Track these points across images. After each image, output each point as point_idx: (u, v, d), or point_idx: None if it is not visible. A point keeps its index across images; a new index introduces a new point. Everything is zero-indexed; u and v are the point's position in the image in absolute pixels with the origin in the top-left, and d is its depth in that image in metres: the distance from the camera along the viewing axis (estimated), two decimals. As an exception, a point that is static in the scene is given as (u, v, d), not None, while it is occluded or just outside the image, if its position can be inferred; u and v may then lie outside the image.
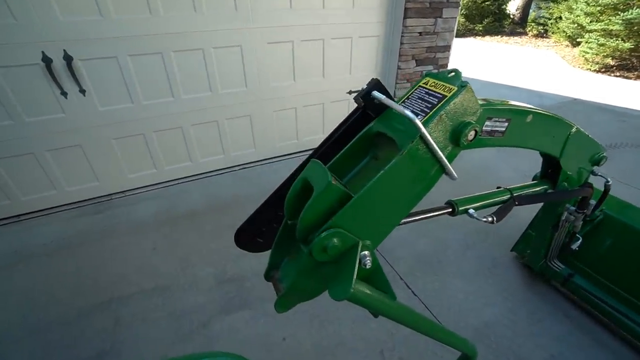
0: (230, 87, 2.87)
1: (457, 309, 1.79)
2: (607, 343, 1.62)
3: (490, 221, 0.93)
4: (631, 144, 3.73)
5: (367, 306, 0.67)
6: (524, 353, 1.60)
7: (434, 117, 0.64)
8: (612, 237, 1.63)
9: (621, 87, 6.13)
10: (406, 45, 3.16)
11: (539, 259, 1.76)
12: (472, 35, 13.33)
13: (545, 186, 1.19)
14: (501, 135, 0.81)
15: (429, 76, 0.72)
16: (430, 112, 0.65)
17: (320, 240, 0.61)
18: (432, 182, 0.71)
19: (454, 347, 1.08)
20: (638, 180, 3.03)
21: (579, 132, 1.05)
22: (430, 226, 2.36)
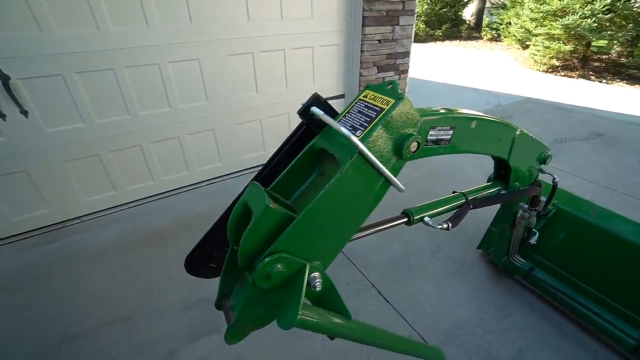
0: (190, 101, 2.78)
1: (429, 312, 1.80)
2: (570, 332, 1.69)
3: (445, 228, 0.93)
4: (578, 137, 4.01)
5: (319, 330, 0.65)
6: (494, 349, 1.63)
7: (372, 131, 0.63)
8: (565, 229, 1.72)
9: (566, 85, 6.61)
10: (367, 53, 3.23)
11: (502, 255, 1.82)
12: (433, 41, 13.92)
13: (499, 187, 1.22)
14: (447, 143, 0.82)
15: (369, 88, 0.71)
16: (369, 127, 0.64)
17: (262, 267, 0.58)
18: (379, 195, 0.69)
19: (421, 358, 1.07)
20: (586, 171, 3.25)
21: (523, 134, 1.10)
22: (400, 230, 2.39)
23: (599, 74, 7.12)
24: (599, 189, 2.96)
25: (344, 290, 1.94)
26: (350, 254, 2.19)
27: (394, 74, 3.57)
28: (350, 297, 1.90)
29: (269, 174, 0.80)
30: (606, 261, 1.57)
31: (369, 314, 1.80)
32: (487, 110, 5.05)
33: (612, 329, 1.48)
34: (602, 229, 1.59)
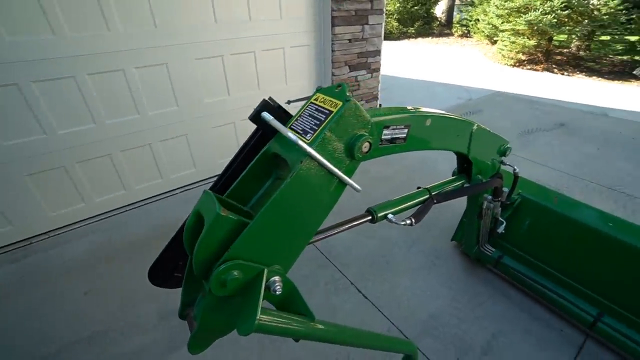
0: (160, 107, 2.71)
1: (406, 306, 1.84)
2: (539, 315, 1.78)
3: (409, 224, 0.96)
4: (543, 128, 4.20)
5: (280, 334, 0.65)
6: (468, 337, 1.69)
7: (321, 134, 0.64)
8: (530, 217, 1.80)
9: (532, 78, 6.91)
10: (337, 53, 3.25)
11: (473, 245, 1.89)
12: (406, 38, 14.18)
13: (462, 181, 1.27)
14: (403, 141, 0.84)
15: (319, 92, 0.73)
16: (318, 130, 0.65)
17: (216, 275, 0.58)
18: (335, 196, 0.71)
19: (393, 351, 1.10)
20: (551, 160, 3.41)
21: (481, 129, 1.14)
22: (376, 227, 2.42)
23: (561, 67, 7.48)
24: (563, 176, 3.12)
25: (323, 290, 1.95)
26: (328, 254, 2.21)
27: (366, 73, 3.62)
28: (330, 296, 1.91)
29: (227, 181, 0.80)
30: (567, 244, 1.66)
31: (349, 311, 1.82)
32: (459, 105, 5.20)
33: (573, 307, 1.57)
34: (563, 215, 1.67)
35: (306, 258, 2.18)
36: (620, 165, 3.28)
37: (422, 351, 1.62)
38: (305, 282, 2.01)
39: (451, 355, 1.60)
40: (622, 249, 1.48)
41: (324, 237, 0.84)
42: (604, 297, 1.54)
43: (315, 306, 1.91)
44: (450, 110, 4.89)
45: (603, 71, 7.05)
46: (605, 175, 3.11)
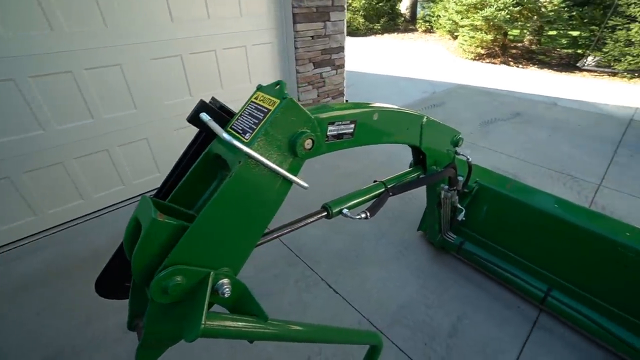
0: (116, 110, 2.58)
1: (375, 298, 1.89)
2: (499, 295, 1.88)
3: (364, 217, 0.97)
4: (501, 118, 4.43)
5: (231, 337, 0.64)
6: (435, 322, 1.75)
7: (260, 133, 0.64)
8: (487, 203, 1.89)
9: (490, 71, 7.26)
10: (301, 50, 3.24)
11: (436, 234, 1.96)
12: (373, 34, 14.37)
13: (418, 172, 1.31)
14: (351, 136, 0.85)
15: (259, 90, 0.72)
16: (257, 129, 0.64)
17: (156, 282, 0.56)
18: (281, 194, 0.71)
19: (357, 344, 1.12)
20: (508, 148, 3.61)
21: (431, 121, 1.18)
22: (342, 221, 2.45)
23: (516, 60, 7.91)
24: (518, 162, 3.31)
25: (294, 288, 1.95)
26: (299, 252, 2.21)
27: (331, 69, 3.64)
28: (301, 293, 1.92)
29: (172, 186, 0.77)
30: (519, 227, 1.77)
31: (320, 307, 1.84)
32: (424, 98, 5.36)
33: (526, 285, 1.68)
34: (515, 199, 1.78)
35: (276, 257, 2.17)
36: (568, 150, 3.53)
37: (393, 340, 1.67)
38: (276, 281, 2.00)
39: (419, 341, 1.66)
40: (566, 228, 1.60)
41: (279, 235, 0.84)
42: (553, 273, 1.65)
43: (286, 304, 1.91)
44: (416, 104, 5.05)
45: (552, 63, 7.54)
46: (554, 160, 3.33)
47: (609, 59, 6.52)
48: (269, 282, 2.00)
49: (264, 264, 2.12)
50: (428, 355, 1.60)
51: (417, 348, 1.63)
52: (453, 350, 1.62)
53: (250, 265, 2.10)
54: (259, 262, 2.13)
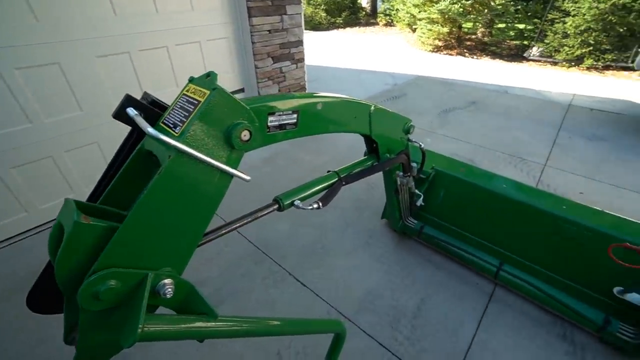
0: (58, 113, 2.39)
1: (343, 287, 1.92)
2: (458, 274, 1.98)
3: (316, 207, 0.98)
4: (459, 107, 4.64)
5: (175, 338, 0.62)
6: (400, 305, 1.82)
7: (190, 126, 0.61)
8: (443, 188, 1.98)
9: (448, 62, 7.56)
10: (258, 44, 3.18)
11: (397, 220, 2.03)
12: (335, 28, 14.42)
13: (372, 161, 1.34)
14: (295, 126, 0.85)
15: (191, 82, 0.69)
16: (187, 122, 0.62)
17: (84, 288, 0.53)
18: (221, 188, 0.69)
19: (320, 333, 1.13)
20: (465, 135, 3.79)
21: (379, 109, 1.21)
22: (308, 214, 2.47)
23: (471, 51, 8.31)
24: (474, 148, 3.49)
25: (261, 285, 1.93)
26: (265, 248, 2.19)
27: (291, 63, 3.61)
28: (268, 289, 1.91)
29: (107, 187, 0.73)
30: (473, 208, 1.87)
31: (288, 301, 1.84)
32: (386, 90, 5.48)
33: (481, 262, 1.78)
34: (468, 182, 1.88)
35: (241, 256, 2.13)
36: (517, 135, 3.78)
37: (360, 326, 1.71)
38: (243, 280, 1.97)
39: (386, 325, 1.71)
40: (513, 206, 1.72)
41: (228, 231, 0.82)
42: (504, 249, 1.77)
43: (254, 302, 1.89)
44: (378, 96, 5.15)
45: (503, 54, 8.00)
46: (506, 144, 3.55)
47: (550, 50, 7.03)
48: (235, 281, 1.97)
49: (229, 263, 2.08)
50: (394, 337, 1.65)
51: (383, 331, 1.68)
52: (418, 329, 1.69)
53: (215, 265, 2.06)
54: (223, 262, 2.09)
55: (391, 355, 1.57)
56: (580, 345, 1.61)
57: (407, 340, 1.64)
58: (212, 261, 2.12)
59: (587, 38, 6.28)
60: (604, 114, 4.39)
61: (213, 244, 2.35)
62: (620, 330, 1.42)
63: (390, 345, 1.61)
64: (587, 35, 6.27)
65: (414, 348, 1.61)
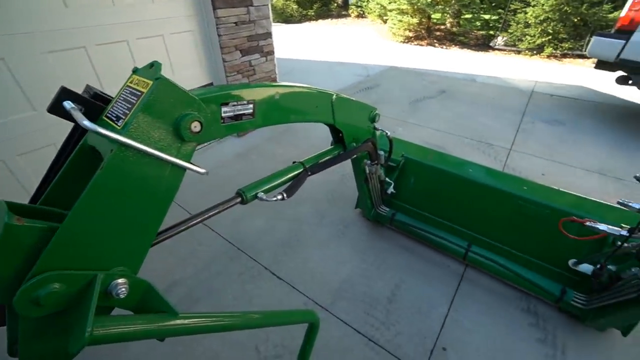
0: (8, 114, 2.22)
1: (319, 277, 1.93)
2: (430, 258, 2.04)
3: (280, 199, 0.97)
4: (429, 96, 4.75)
5: (130, 339, 0.60)
6: (375, 291, 1.85)
7: (133, 118, 0.59)
8: (413, 174, 2.02)
9: (419, 53, 7.69)
10: (225, 37, 3.09)
11: (370, 209, 2.06)
12: (307, 21, 14.28)
13: (338, 150, 1.34)
14: (252, 117, 0.83)
15: (135, 73, 0.66)
16: (130, 114, 0.59)
17: (22, 293, 0.50)
18: (173, 183, 0.67)
19: (292, 324, 1.13)
20: (435, 123, 3.89)
21: (342, 98, 1.21)
22: (283, 208, 2.46)
23: (441, 42, 8.49)
24: (444, 135, 3.59)
25: (237, 281, 1.91)
26: (240, 245, 2.16)
27: (260, 56, 3.54)
28: (245, 285, 1.89)
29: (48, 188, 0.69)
30: (442, 192, 1.92)
31: (264, 295, 1.83)
32: (358, 81, 5.51)
33: (450, 244, 1.85)
34: (436, 168, 1.93)
35: (216, 254, 2.10)
36: (484, 121, 3.92)
37: (336, 315, 1.73)
38: (218, 278, 1.94)
39: (361, 311, 1.75)
40: (478, 189, 1.78)
41: (188, 226, 0.80)
42: (471, 230, 1.84)
43: (230, 299, 1.87)
44: (350, 87, 5.16)
45: (471, 44, 8.23)
46: (474, 131, 3.68)
47: (513, 39, 7.31)
48: (211, 279, 1.94)
49: (204, 262, 2.04)
50: (370, 323, 1.69)
51: (359, 318, 1.71)
52: (392, 314, 1.73)
53: (189, 265, 2.02)
54: (198, 261, 2.04)
55: (367, 341, 1.61)
56: (542, 317, 1.71)
57: (382, 325, 1.68)
58: (186, 261, 2.07)
59: (546, 27, 6.58)
60: (562, 100, 4.64)
61: (186, 243, 2.29)
62: (575, 299, 1.53)
63: (366, 331, 1.65)
64: (546, 25, 6.56)
65: (389, 332, 1.65)
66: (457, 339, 1.62)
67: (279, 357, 1.54)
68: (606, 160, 3.13)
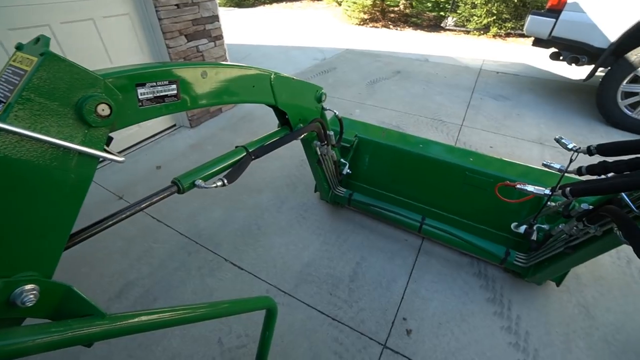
0: None
1: (281, 264, 1.92)
2: (389, 234, 2.11)
3: (220, 185, 0.93)
4: (385, 77, 4.81)
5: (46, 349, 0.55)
6: (337, 272, 1.88)
7: (13, 101, 0.51)
8: (368, 153, 2.05)
9: (374, 35, 7.74)
10: (166, 21, 2.87)
11: (327, 191, 2.06)
12: (261, 4, 13.74)
13: (285, 132, 1.30)
14: (176, 98, 0.77)
15: (19, 50, 0.58)
16: (11, 96, 0.52)
17: None
18: (83, 173, 0.60)
19: (249, 311, 1.11)
20: (391, 103, 3.96)
21: (282, 78, 1.16)
22: (241, 197, 2.41)
23: (395, 23, 8.59)
24: (401, 115, 3.67)
25: (197, 276, 1.85)
26: (198, 238, 2.08)
27: (208, 41, 3.35)
28: (205, 279, 1.83)
29: None
30: (395, 169, 1.97)
31: (226, 287, 1.79)
32: (315, 65, 5.44)
33: (406, 219, 1.91)
34: (388, 145, 1.96)
35: (173, 250, 2.01)
36: (438, 99, 4.06)
37: (300, 299, 1.73)
38: (177, 274, 1.86)
39: (325, 292, 1.77)
40: (429, 163, 1.85)
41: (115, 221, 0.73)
42: (424, 204, 1.92)
43: (190, 294, 1.80)
44: (307, 71, 5.08)
45: (424, 25, 8.43)
46: (428, 109, 3.80)
47: (462, 20, 7.58)
48: (169, 276, 1.85)
49: (160, 260, 1.95)
50: (333, 303, 1.72)
51: (322, 299, 1.73)
52: (355, 292, 1.78)
53: (144, 264, 1.91)
54: (154, 260, 1.94)
55: (331, 320, 1.64)
56: (491, 278, 1.84)
57: (345, 304, 1.71)
58: (141, 260, 1.96)
59: (491, 8, 6.88)
60: (507, 76, 4.92)
61: (139, 242, 2.17)
62: (517, 258, 1.65)
63: (329, 311, 1.67)
64: (491, 5, 6.86)
65: (352, 309, 1.69)
66: (416, 307, 1.70)
67: (243, 347, 1.53)
68: (544, 130, 3.39)
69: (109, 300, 1.72)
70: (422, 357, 1.49)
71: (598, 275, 1.85)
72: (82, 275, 1.84)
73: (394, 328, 1.61)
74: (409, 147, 1.92)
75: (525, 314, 1.67)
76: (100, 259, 1.94)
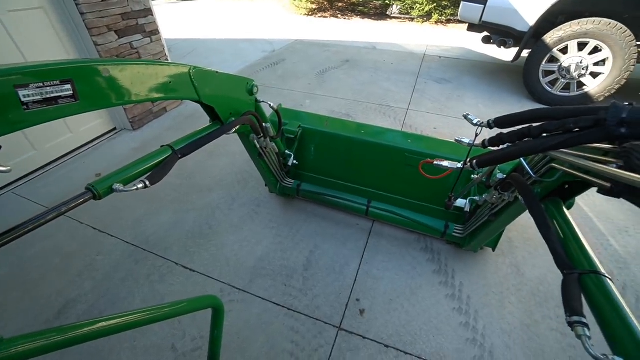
0: None
1: (234, 261, 1.90)
2: (340, 220, 2.16)
3: (142, 187, 0.89)
4: (334, 66, 4.85)
5: None
6: (292, 262, 1.90)
7: None
8: (313, 143, 2.07)
9: (322, 25, 7.74)
10: (90, 15, 2.65)
11: (274, 184, 2.06)
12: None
13: (215, 127, 1.27)
14: (73, 99, 0.72)
15: None
16: None
17: None
18: None
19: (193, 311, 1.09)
20: (341, 92, 4.01)
21: (204, 71, 1.12)
22: (190, 198, 2.34)
23: (343, 13, 8.65)
24: (350, 103, 3.74)
25: (146, 284, 1.77)
26: (146, 245, 1.99)
27: (143, 37, 3.14)
28: (155, 286, 1.76)
29: None
30: (340, 156, 2.01)
31: (178, 292, 1.74)
32: (264, 57, 5.34)
33: (353, 204, 1.97)
34: (331, 133, 1.99)
35: (119, 260, 1.90)
36: (385, 85, 4.18)
37: (255, 294, 1.73)
38: (124, 285, 1.77)
39: (279, 284, 1.78)
40: (370, 147, 1.91)
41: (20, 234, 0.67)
42: (369, 187, 1.99)
43: (139, 303, 1.73)
44: (257, 64, 4.98)
45: (370, 14, 8.58)
46: (377, 95, 3.91)
47: (406, 8, 7.83)
48: (115, 288, 1.76)
49: (104, 272, 1.84)
50: (288, 293, 1.74)
51: (277, 291, 1.74)
52: (309, 280, 1.81)
53: (86, 279, 1.81)
54: (97, 273, 1.83)
55: (287, 311, 1.66)
56: (436, 252, 1.97)
57: (300, 293, 1.74)
58: (82, 275, 1.83)
59: (432, -5, 7.16)
60: (448, 60, 5.18)
61: (80, 257, 2.04)
62: (455, 230, 1.78)
63: (285, 302, 1.70)
64: (431, -8, 7.14)
65: (306, 297, 1.72)
66: (369, 287, 1.78)
67: (198, 349, 1.50)
68: (482, 109, 3.64)
69: (46, 322, 1.60)
70: (374, 334, 1.57)
71: (527, 237, 2.05)
72: (13, 300, 1.69)
73: (348, 310, 1.67)
74: (351, 133, 1.97)
75: (467, 280, 1.81)
76: (33, 281, 1.79)
